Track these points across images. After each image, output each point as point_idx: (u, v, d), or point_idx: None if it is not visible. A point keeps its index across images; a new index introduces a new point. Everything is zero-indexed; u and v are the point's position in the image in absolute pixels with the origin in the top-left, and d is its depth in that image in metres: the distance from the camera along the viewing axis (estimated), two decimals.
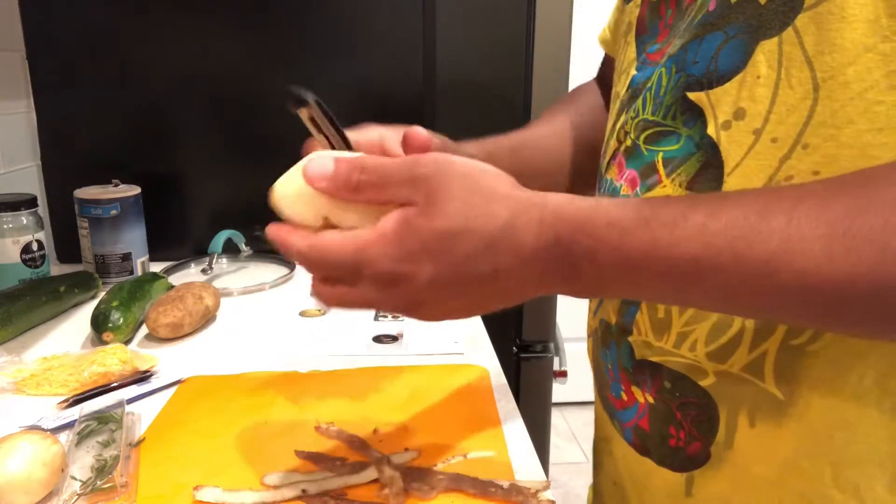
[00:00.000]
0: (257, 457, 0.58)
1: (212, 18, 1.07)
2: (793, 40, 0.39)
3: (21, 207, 0.93)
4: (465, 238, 0.38)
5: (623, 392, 0.52)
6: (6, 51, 1.07)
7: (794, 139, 0.40)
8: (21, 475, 0.50)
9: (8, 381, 0.71)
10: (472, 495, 0.52)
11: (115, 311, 0.81)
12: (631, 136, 0.50)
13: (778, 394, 0.43)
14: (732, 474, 0.46)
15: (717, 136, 0.43)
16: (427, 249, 0.38)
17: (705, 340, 0.45)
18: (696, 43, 0.45)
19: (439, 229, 0.38)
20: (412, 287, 0.39)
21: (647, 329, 0.48)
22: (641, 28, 0.53)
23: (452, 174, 0.39)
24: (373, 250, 0.39)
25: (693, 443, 0.47)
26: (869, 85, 0.37)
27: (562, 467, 2.13)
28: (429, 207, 0.38)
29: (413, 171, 0.39)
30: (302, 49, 1.08)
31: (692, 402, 0.47)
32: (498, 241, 0.38)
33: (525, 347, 1.24)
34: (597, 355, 0.56)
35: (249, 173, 1.11)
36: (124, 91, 1.08)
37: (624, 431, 0.53)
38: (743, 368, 0.44)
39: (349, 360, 0.76)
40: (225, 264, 1.12)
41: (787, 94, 0.40)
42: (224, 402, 0.67)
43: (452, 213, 0.38)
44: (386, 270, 0.39)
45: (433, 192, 0.38)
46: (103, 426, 0.61)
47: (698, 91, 0.44)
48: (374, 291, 0.40)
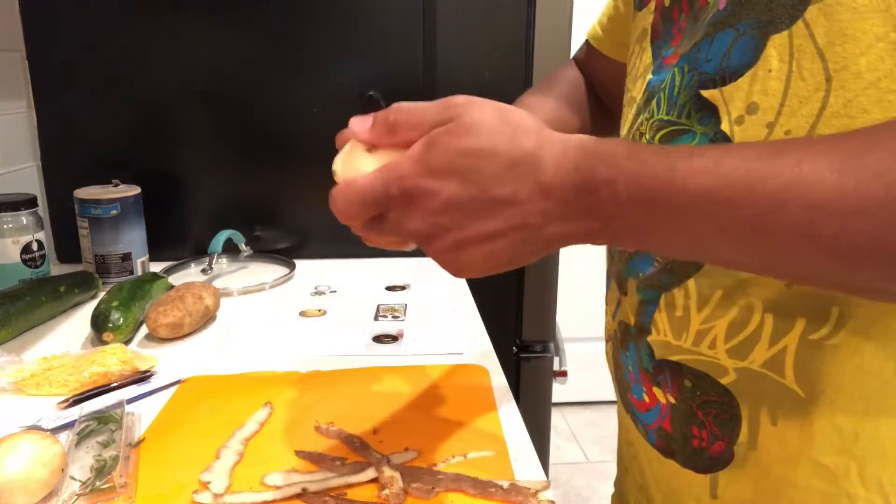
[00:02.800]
0: (257, 457, 0.58)
1: (212, 18, 1.07)
2: (803, 33, 0.40)
3: (21, 207, 0.93)
4: (489, 158, 0.39)
5: (645, 393, 0.52)
6: (6, 51, 1.07)
7: (808, 131, 0.40)
8: (21, 475, 0.50)
9: (8, 381, 0.71)
10: (472, 495, 0.52)
11: (115, 311, 0.81)
12: (646, 137, 0.50)
13: (799, 391, 0.43)
14: (756, 474, 0.46)
15: (730, 132, 0.43)
16: (450, 165, 0.39)
17: (724, 337, 0.45)
18: (708, 41, 0.45)
19: (464, 147, 0.39)
20: (434, 203, 0.40)
21: (666, 328, 0.49)
22: (656, 34, 0.54)
23: (484, 107, 0.41)
24: (399, 168, 0.40)
25: (716, 443, 0.47)
26: (882, 74, 0.38)
27: (562, 467, 2.12)
28: (457, 128, 0.40)
29: (446, 104, 0.41)
30: (302, 49, 1.08)
31: (713, 401, 0.47)
32: (520, 164, 0.39)
33: (525, 347, 1.24)
34: (616, 358, 0.56)
35: (249, 173, 1.11)
36: (124, 91, 1.08)
37: (648, 434, 0.53)
38: (763, 365, 0.44)
39: (349, 360, 0.76)
40: (225, 264, 1.12)
41: (799, 86, 0.40)
42: (224, 402, 0.67)
43: (480, 135, 0.39)
44: (411, 185, 0.40)
45: (463, 116, 0.40)
46: (103, 426, 0.61)
47: (712, 88, 0.44)
48: (400, 213, 0.41)
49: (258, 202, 1.13)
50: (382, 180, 0.41)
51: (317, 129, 1.09)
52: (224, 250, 1.07)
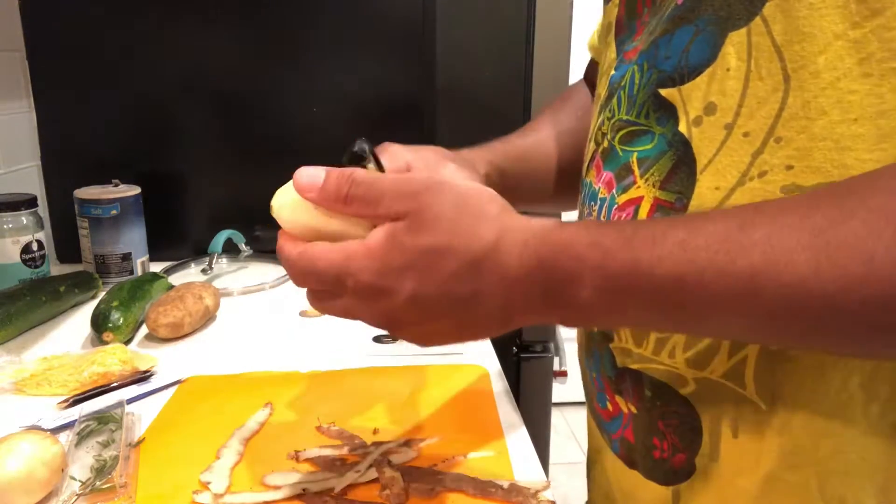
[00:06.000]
0: (257, 457, 0.58)
1: (212, 18, 1.07)
2: (761, 30, 0.38)
3: (21, 207, 0.93)
4: (449, 256, 0.38)
5: (608, 402, 0.51)
6: (6, 51, 1.07)
7: (766, 133, 0.39)
8: (21, 475, 0.50)
9: (8, 381, 0.71)
10: (472, 495, 0.52)
11: (115, 311, 0.81)
12: (608, 138, 0.49)
13: (760, 402, 0.42)
14: (718, 487, 0.45)
15: (688, 133, 0.42)
16: (410, 265, 0.38)
17: (683, 346, 0.44)
18: (668, 38, 0.43)
19: (424, 246, 0.38)
20: (393, 303, 0.39)
21: (628, 335, 0.47)
22: (620, 28, 0.52)
23: (444, 193, 0.39)
24: (357, 263, 0.39)
25: (677, 454, 0.46)
26: (841, 73, 0.36)
27: (562, 467, 2.12)
28: (416, 224, 0.38)
29: (404, 188, 0.39)
30: (302, 49, 1.08)
31: (674, 412, 0.45)
32: (481, 261, 0.38)
33: (525, 347, 1.24)
34: (583, 364, 0.56)
35: (249, 173, 1.11)
36: (124, 91, 1.08)
37: (612, 443, 0.52)
38: (723, 375, 0.43)
39: (349, 360, 0.76)
40: (225, 264, 1.12)
41: (757, 86, 0.39)
42: (224, 402, 0.67)
43: (439, 231, 0.38)
44: (368, 283, 0.39)
45: (422, 209, 0.39)
46: (103, 426, 0.61)
47: (670, 87, 0.43)
48: (356, 303, 0.41)
49: (258, 202, 1.12)
50: (338, 271, 0.40)
51: (317, 130, 1.09)
52: (224, 250, 1.07)
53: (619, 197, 0.47)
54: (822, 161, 0.37)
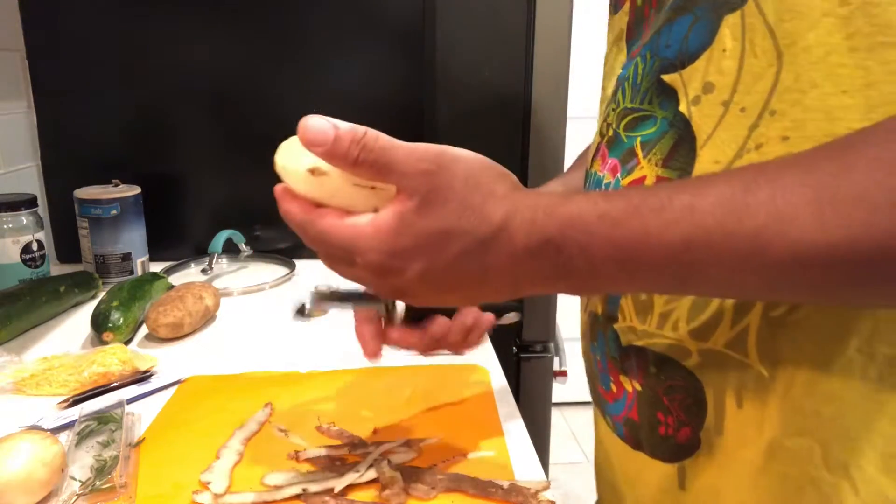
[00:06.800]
0: (257, 457, 0.58)
1: (212, 18, 1.07)
2: (754, 11, 0.40)
3: (21, 207, 0.93)
4: (458, 238, 0.39)
5: (612, 383, 0.52)
6: (6, 51, 1.07)
7: (762, 107, 0.40)
8: (21, 475, 0.50)
9: (8, 381, 0.71)
10: (472, 495, 0.52)
11: (115, 311, 0.81)
12: (612, 127, 0.51)
13: (763, 370, 0.42)
14: (723, 461, 0.45)
15: (688, 113, 0.44)
16: (419, 246, 0.39)
17: (686, 318, 0.45)
18: (668, 27, 0.45)
19: (433, 228, 0.39)
20: (402, 279, 0.40)
21: (631, 313, 0.49)
22: (630, 33, 0.54)
23: (455, 172, 0.40)
24: (365, 242, 0.40)
25: (682, 429, 0.47)
26: (831, 48, 0.38)
27: (562, 467, 2.13)
28: (426, 205, 0.39)
29: (416, 165, 0.39)
30: (302, 49, 1.08)
31: (678, 385, 0.46)
32: (490, 241, 0.39)
33: (525, 347, 1.24)
34: (587, 350, 0.56)
35: (249, 173, 1.11)
36: (124, 91, 1.08)
37: (616, 427, 0.53)
38: (726, 345, 0.43)
39: (349, 360, 0.76)
40: (225, 264, 1.12)
41: (752, 63, 0.40)
42: (224, 402, 0.67)
43: (449, 213, 0.39)
44: (377, 262, 0.40)
45: (433, 190, 0.39)
46: (103, 426, 0.61)
47: (672, 73, 0.45)
48: (366, 276, 0.42)
49: (258, 202, 1.13)
50: (348, 247, 0.40)
51: None
52: (224, 250, 1.07)
53: (624, 180, 0.48)
54: (815, 131, 0.38)
